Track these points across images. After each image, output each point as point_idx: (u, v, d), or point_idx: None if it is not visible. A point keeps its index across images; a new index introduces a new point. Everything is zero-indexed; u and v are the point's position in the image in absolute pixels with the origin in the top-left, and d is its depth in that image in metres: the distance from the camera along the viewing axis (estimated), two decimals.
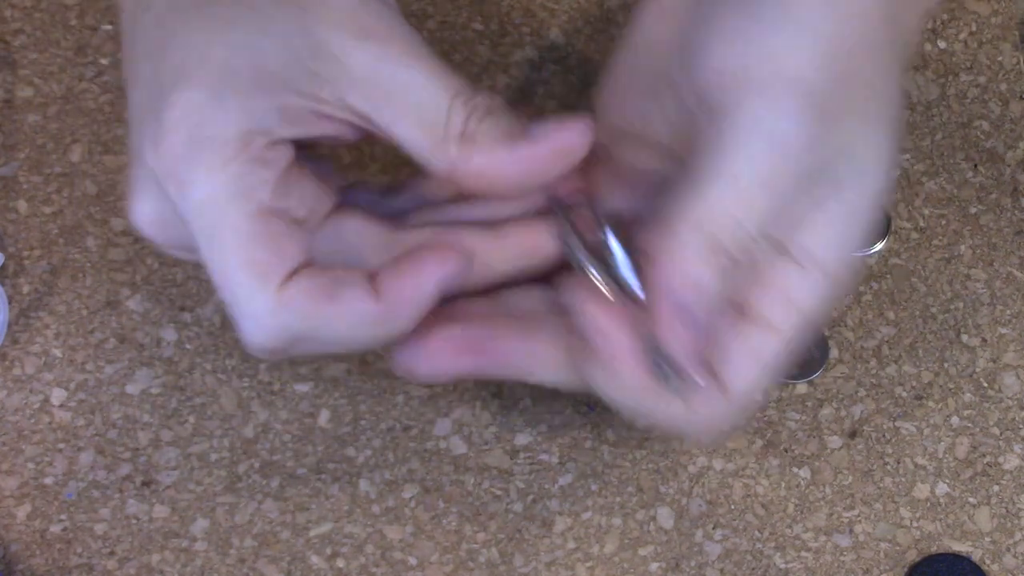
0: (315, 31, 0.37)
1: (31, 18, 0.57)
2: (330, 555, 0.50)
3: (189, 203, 0.37)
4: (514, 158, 0.39)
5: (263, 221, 0.37)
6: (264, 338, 0.37)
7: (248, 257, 0.37)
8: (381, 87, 0.38)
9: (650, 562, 0.49)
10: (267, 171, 0.37)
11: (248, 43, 0.37)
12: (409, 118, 0.38)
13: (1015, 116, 0.56)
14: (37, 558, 0.49)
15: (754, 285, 0.37)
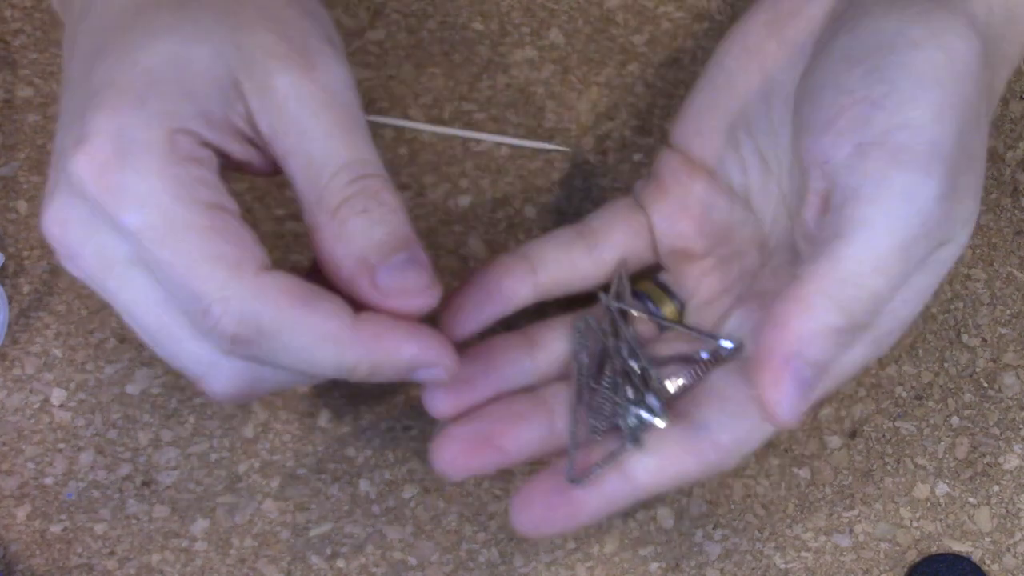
0: (245, 48, 0.37)
1: (31, 18, 0.57)
2: (330, 555, 0.50)
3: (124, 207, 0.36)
4: (349, 279, 0.38)
5: (217, 216, 0.36)
6: (231, 326, 0.36)
7: (213, 251, 0.36)
8: (286, 120, 0.38)
9: (650, 562, 0.49)
10: (202, 169, 0.37)
11: (177, 52, 0.37)
12: (297, 160, 0.38)
13: (1015, 116, 0.56)
14: (37, 558, 0.49)
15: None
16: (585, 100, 0.56)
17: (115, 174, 0.36)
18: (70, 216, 0.37)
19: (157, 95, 0.36)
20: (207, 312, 0.36)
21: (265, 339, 0.36)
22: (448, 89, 0.56)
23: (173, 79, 0.37)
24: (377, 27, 0.57)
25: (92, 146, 0.36)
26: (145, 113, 0.36)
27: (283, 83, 0.37)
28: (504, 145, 0.55)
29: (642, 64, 0.56)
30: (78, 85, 0.38)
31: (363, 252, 0.38)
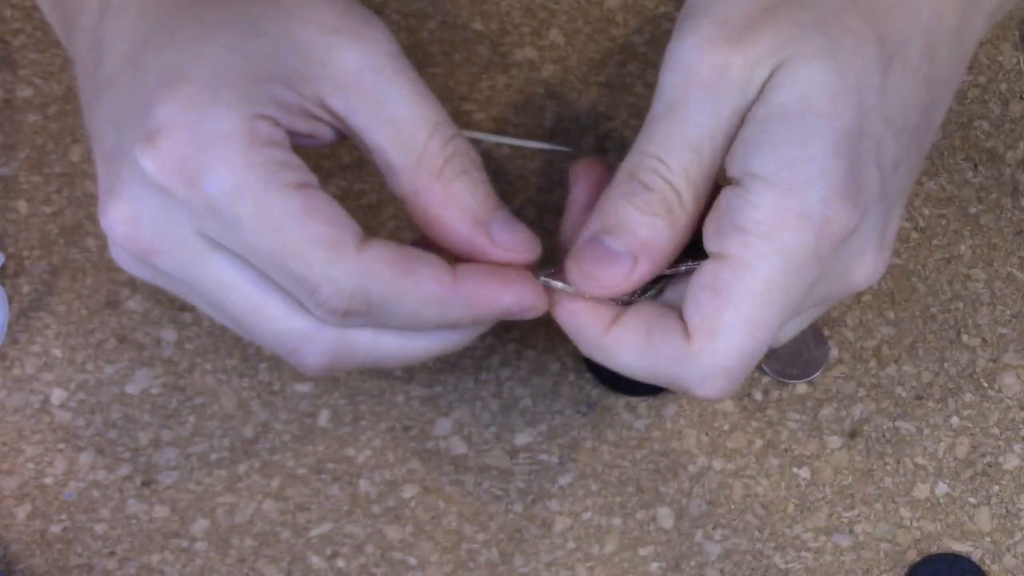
0: (298, 34, 0.37)
1: (31, 18, 0.57)
2: (330, 555, 0.50)
3: (209, 198, 0.36)
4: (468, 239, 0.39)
5: (308, 196, 0.36)
6: (342, 301, 0.37)
7: (312, 234, 0.36)
8: (361, 92, 0.38)
9: (650, 562, 0.49)
10: (284, 151, 0.37)
11: (238, 44, 0.37)
12: (384, 129, 0.38)
13: (1015, 116, 0.56)
14: (37, 558, 0.49)
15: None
16: (585, 100, 0.56)
17: (199, 168, 0.35)
18: (142, 213, 0.37)
19: (229, 84, 0.36)
20: (315, 292, 0.37)
21: (374, 309, 0.37)
22: (448, 89, 0.56)
23: (243, 70, 0.36)
24: None
25: (169, 140, 0.35)
26: (221, 103, 0.36)
27: (351, 58, 0.37)
28: (504, 145, 0.55)
29: (642, 64, 0.56)
30: (123, 85, 0.38)
31: (475, 213, 0.39)
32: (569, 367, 0.52)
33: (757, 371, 0.52)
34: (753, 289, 0.37)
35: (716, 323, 0.37)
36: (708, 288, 0.37)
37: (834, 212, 0.36)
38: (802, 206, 0.36)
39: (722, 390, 0.38)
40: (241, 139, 0.36)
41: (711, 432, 0.51)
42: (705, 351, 0.37)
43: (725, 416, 0.51)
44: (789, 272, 0.37)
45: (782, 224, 0.36)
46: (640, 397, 0.51)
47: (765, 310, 0.37)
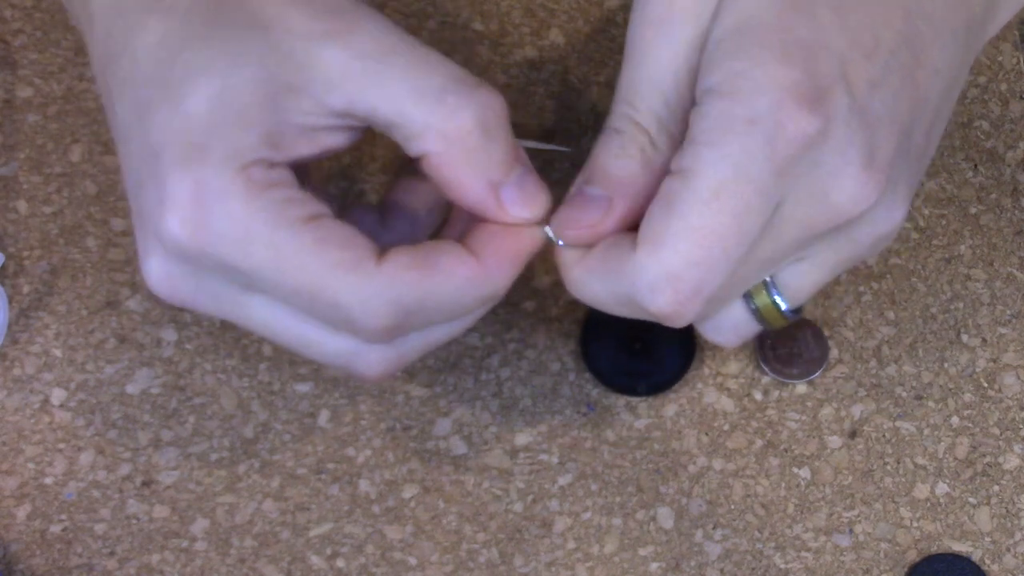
0: (281, 46, 0.37)
1: (31, 18, 0.57)
2: (330, 555, 0.50)
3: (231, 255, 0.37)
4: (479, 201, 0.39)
5: (319, 226, 0.37)
6: (380, 320, 0.37)
7: (332, 261, 0.37)
8: (355, 82, 0.37)
9: (650, 562, 0.49)
10: (285, 189, 0.37)
11: (220, 88, 0.37)
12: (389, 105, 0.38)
13: (1015, 116, 0.56)
14: (37, 558, 0.49)
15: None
16: (585, 100, 0.56)
17: (209, 228, 0.36)
18: (173, 272, 0.38)
19: (216, 140, 0.37)
20: (350, 318, 0.37)
21: (412, 316, 0.38)
22: None
23: (224, 119, 0.37)
24: None
25: (177, 207, 0.36)
26: (212, 162, 0.36)
27: (335, 55, 0.37)
28: None
29: None
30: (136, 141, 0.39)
31: (487, 173, 0.38)
32: (569, 367, 0.52)
33: (757, 371, 0.52)
34: (699, 196, 0.36)
35: (661, 232, 0.36)
36: (659, 202, 0.37)
37: (788, 116, 0.35)
38: (750, 111, 0.35)
39: (674, 303, 0.37)
40: (239, 191, 0.36)
41: (711, 432, 0.51)
42: (650, 259, 0.37)
43: (725, 416, 0.51)
44: (740, 179, 0.35)
45: (729, 130, 0.35)
46: (640, 397, 0.51)
47: (713, 217, 0.36)
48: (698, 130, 0.36)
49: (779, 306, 0.40)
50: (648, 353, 0.52)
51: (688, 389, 0.52)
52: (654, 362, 0.52)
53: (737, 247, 0.36)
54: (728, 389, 0.52)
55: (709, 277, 0.36)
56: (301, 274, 0.37)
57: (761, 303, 0.40)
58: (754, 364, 0.52)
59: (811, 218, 0.37)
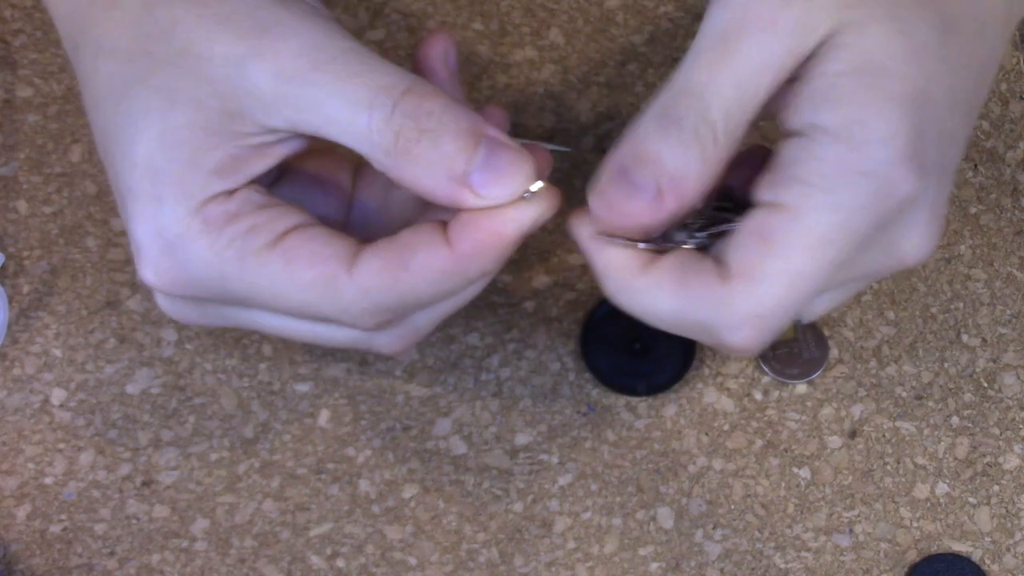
0: (212, 74, 0.37)
1: (31, 18, 0.57)
2: (330, 555, 0.50)
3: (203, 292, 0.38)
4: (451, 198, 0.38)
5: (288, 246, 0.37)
6: (364, 322, 0.38)
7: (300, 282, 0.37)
8: (291, 104, 0.37)
9: (650, 562, 0.49)
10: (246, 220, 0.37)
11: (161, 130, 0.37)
12: (330, 127, 0.37)
13: (1015, 116, 0.56)
14: (37, 558, 0.49)
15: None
16: (585, 100, 0.56)
17: (182, 272, 0.38)
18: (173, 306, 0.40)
19: (166, 187, 0.37)
20: (340, 323, 0.38)
21: (399, 309, 0.38)
22: None
23: (170, 160, 0.37)
24: (377, 27, 0.57)
25: (149, 259, 0.38)
26: (166, 206, 0.37)
27: (263, 77, 0.37)
28: None
29: (642, 64, 0.56)
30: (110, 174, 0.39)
31: (448, 170, 0.37)
32: (569, 367, 0.52)
33: (757, 371, 0.52)
34: (805, 241, 0.35)
35: (759, 268, 0.35)
36: (756, 235, 0.36)
37: (899, 174, 0.35)
38: (867, 164, 0.35)
39: (752, 341, 0.36)
40: (198, 232, 0.37)
41: (711, 432, 0.51)
42: (742, 295, 0.35)
43: (725, 416, 0.51)
44: (844, 230, 0.35)
45: (844, 179, 0.35)
46: (640, 397, 0.51)
47: (812, 264, 0.35)
48: (810, 171, 0.35)
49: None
50: (648, 353, 0.52)
51: (688, 389, 0.52)
52: (654, 362, 0.52)
53: (818, 288, 0.36)
54: (728, 389, 0.52)
55: (787, 321, 0.37)
56: (278, 297, 0.38)
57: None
58: (754, 364, 0.52)
59: (877, 267, 0.38)
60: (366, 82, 0.37)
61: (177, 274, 0.38)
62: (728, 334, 0.36)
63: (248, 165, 0.38)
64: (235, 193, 0.37)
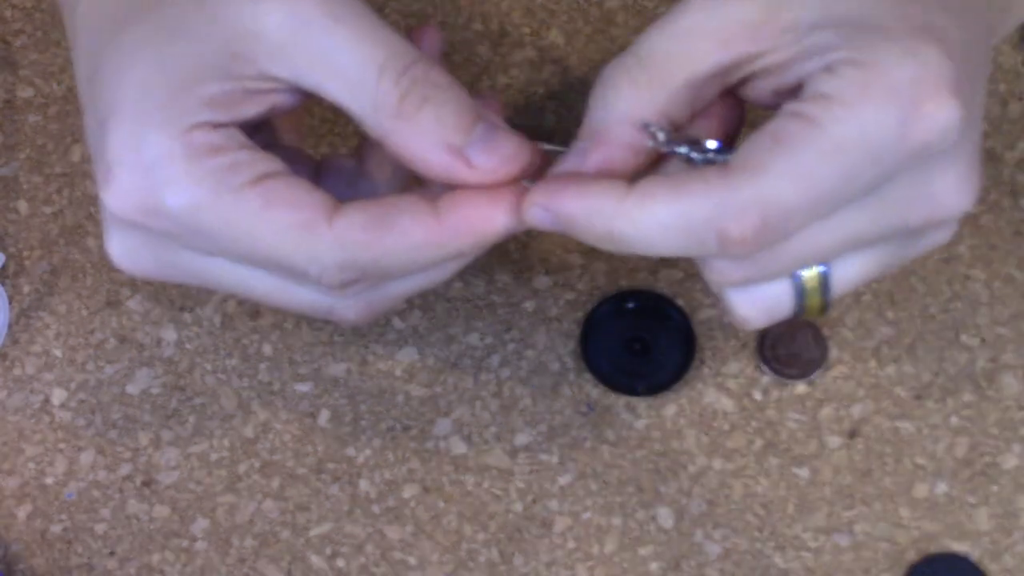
0: (223, 14, 0.37)
1: (31, 18, 0.57)
2: (330, 555, 0.50)
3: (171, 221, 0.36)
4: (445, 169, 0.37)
5: (268, 187, 0.36)
6: (334, 277, 0.37)
7: (278, 223, 0.36)
8: (301, 52, 0.37)
9: (650, 562, 0.49)
10: (230, 152, 0.37)
11: (160, 57, 0.37)
12: (335, 82, 0.37)
13: (1014, 116, 0.56)
14: (37, 558, 0.49)
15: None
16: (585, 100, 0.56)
17: (153, 197, 0.36)
18: (131, 245, 0.38)
19: (156, 107, 0.36)
20: (306, 275, 0.37)
21: (369, 271, 0.37)
22: None
23: (166, 85, 0.36)
24: None
25: (119, 178, 0.36)
26: (152, 126, 0.36)
27: (279, 20, 0.36)
28: None
29: None
30: (89, 112, 0.38)
31: (445, 139, 0.37)
32: (569, 367, 0.52)
33: (757, 371, 0.52)
34: (819, 145, 0.34)
35: (767, 162, 0.34)
36: (768, 135, 0.34)
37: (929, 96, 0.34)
38: (891, 81, 0.33)
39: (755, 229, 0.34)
40: (181, 157, 0.36)
41: (711, 432, 0.51)
42: (747, 182, 0.34)
43: (725, 416, 0.51)
44: (864, 147, 0.34)
45: (866, 94, 0.34)
46: (640, 397, 0.51)
47: (825, 168, 0.34)
48: (831, 87, 0.34)
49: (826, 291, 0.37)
50: (648, 353, 0.52)
51: (688, 389, 0.52)
52: (654, 362, 0.52)
53: (833, 204, 0.34)
54: (728, 389, 0.52)
55: (796, 219, 0.34)
56: (251, 238, 0.36)
57: (808, 280, 0.38)
58: (754, 364, 0.52)
59: (911, 207, 0.36)
60: (382, 42, 0.37)
61: (146, 199, 0.36)
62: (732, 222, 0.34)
63: (239, 105, 0.37)
64: (221, 128, 0.37)
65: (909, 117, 0.34)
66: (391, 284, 0.40)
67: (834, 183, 0.34)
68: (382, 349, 0.52)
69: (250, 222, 0.36)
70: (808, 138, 0.34)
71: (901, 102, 0.34)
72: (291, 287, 0.39)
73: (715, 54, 0.36)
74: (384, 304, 0.40)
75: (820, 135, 0.34)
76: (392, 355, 0.52)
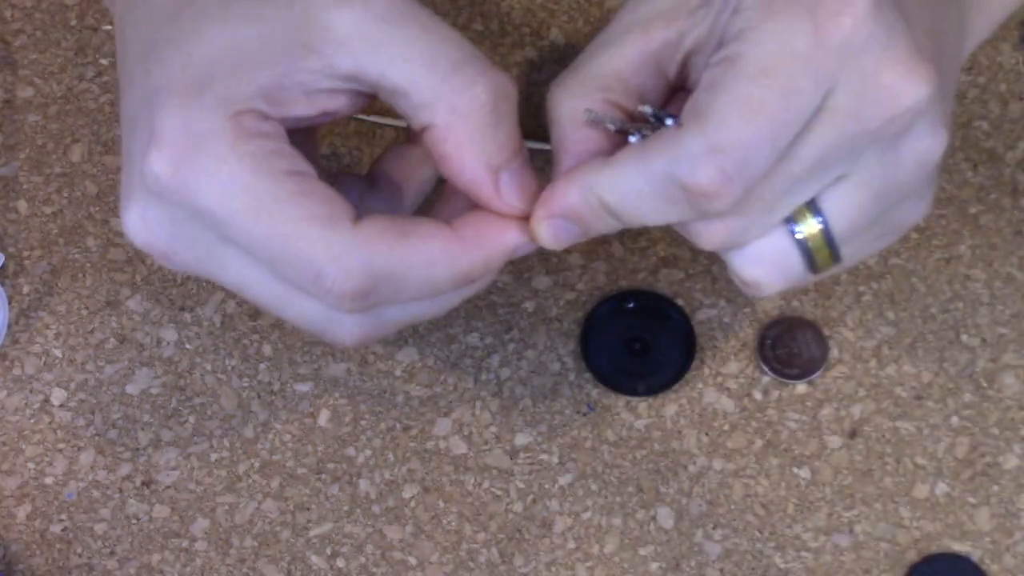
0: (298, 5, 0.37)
1: (31, 18, 0.57)
2: (330, 555, 0.50)
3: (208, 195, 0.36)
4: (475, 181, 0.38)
5: (300, 181, 0.37)
6: (350, 282, 0.37)
7: (307, 214, 0.36)
8: (367, 44, 0.37)
9: (650, 562, 0.49)
10: (273, 142, 0.37)
11: (228, 38, 0.37)
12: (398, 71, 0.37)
13: (1014, 116, 0.56)
14: (37, 558, 0.49)
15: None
16: None
17: (191, 166, 0.36)
18: (151, 217, 0.38)
19: (214, 84, 0.36)
20: (320, 276, 0.37)
21: (382, 283, 0.37)
22: None
23: (227, 65, 0.37)
24: None
25: (164, 144, 0.36)
26: (206, 103, 0.36)
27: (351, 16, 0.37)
28: None
29: None
30: (138, 85, 0.39)
31: (489, 155, 0.38)
32: (569, 367, 0.52)
33: (757, 371, 0.52)
34: (746, 72, 0.35)
35: (707, 107, 0.35)
36: (704, 88, 0.36)
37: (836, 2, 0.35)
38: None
39: (716, 175, 0.35)
40: (227, 135, 0.36)
41: (711, 432, 0.51)
42: (694, 131, 0.35)
43: (725, 416, 0.51)
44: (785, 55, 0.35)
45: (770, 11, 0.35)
46: (640, 397, 0.51)
47: (759, 91, 0.35)
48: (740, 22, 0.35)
49: (827, 232, 0.38)
50: (648, 353, 0.52)
51: (688, 389, 0.52)
52: (654, 362, 0.52)
53: (784, 128, 0.35)
54: (728, 389, 0.52)
55: (755, 156, 0.35)
56: (276, 224, 0.36)
57: (807, 230, 0.38)
58: (754, 364, 0.52)
59: (862, 109, 0.36)
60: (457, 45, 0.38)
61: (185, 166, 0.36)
62: (690, 175, 0.35)
63: (292, 103, 0.38)
64: (270, 119, 0.37)
65: (817, 17, 0.35)
66: (391, 310, 0.40)
67: (776, 104, 0.35)
68: (382, 349, 0.52)
69: (279, 207, 0.36)
70: (736, 73, 0.35)
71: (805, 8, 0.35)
72: (294, 296, 0.39)
73: (638, 44, 0.39)
74: (380, 331, 0.40)
75: (745, 65, 0.35)
76: (392, 355, 0.52)
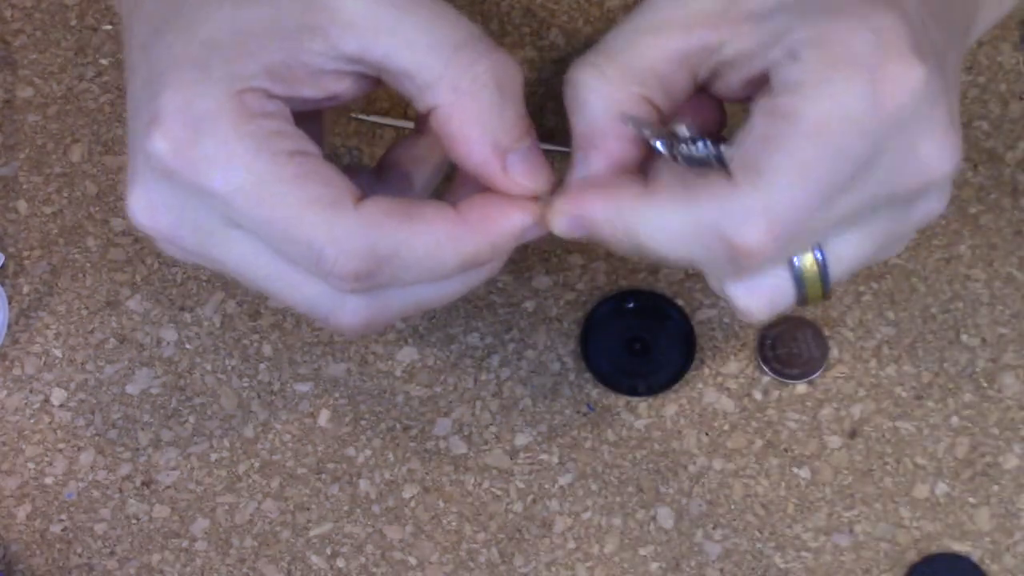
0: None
1: (31, 18, 0.57)
2: (330, 555, 0.50)
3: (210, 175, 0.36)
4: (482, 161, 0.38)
5: (303, 161, 0.37)
6: (351, 262, 0.36)
7: (309, 195, 0.36)
8: (372, 26, 0.37)
9: (650, 562, 0.49)
10: (276, 121, 0.37)
11: (234, 18, 0.37)
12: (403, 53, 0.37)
13: (1015, 116, 0.56)
14: (37, 558, 0.49)
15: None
16: None
17: (193, 145, 0.36)
18: (155, 199, 0.38)
19: (218, 62, 0.36)
20: (321, 256, 0.36)
21: (385, 264, 0.37)
22: None
23: (232, 43, 0.37)
24: None
25: (165, 123, 0.36)
26: (209, 81, 0.36)
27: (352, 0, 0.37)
28: None
29: None
30: (141, 70, 0.39)
31: (495, 134, 0.38)
32: (569, 367, 0.52)
33: (757, 371, 0.52)
34: (805, 130, 0.35)
35: (764, 162, 0.35)
36: (757, 137, 0.35)
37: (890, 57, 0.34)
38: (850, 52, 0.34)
39: (764, 237, 0.35)
40: (230, 113, 0.36)
41: (711, 432, 0.51)
42: (748, 189, 0.35)
43: (725, 416, 0.51)
44: (842, 116, 0.34)
45: (831, 70, 0.34)
46: (640, 397, 0.51)
47: (817, 153, 0.34)
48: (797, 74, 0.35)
49: (825, 273, 0.38)
50: (648, 353, 0.52)
51: (688, 389, 0.52)
52: (654, 362, 0.52)
53: (832, 191, 0.35)
54: (728, 389, 0.52)
55: (803, 219, 0.35)
56: (277, 205, 0.36)
57: (807, 267, 0.38)
58: (754, 364, 0.52)
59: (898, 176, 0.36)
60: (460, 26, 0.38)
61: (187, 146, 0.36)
62: (738, 232, 0.35)
63: (297, 83, 0.38)
64: (274, 99, 0.37)
65: (877, 82, 0.34)
66: (395, 294, 0.39)
67: (828, 166, 0.35)
68: (382, 349, 0.52)
69: (280, 187, 0.36)
70: (793, 132, 0.35)
71: (866, 70, 0.34)
72: (297, 277, 0.38)
73: (678, 41, 0.38)
74: (384, 315, 0.39)
75: (802, 123, 0.35)
76: (392, 355, 0.52)
